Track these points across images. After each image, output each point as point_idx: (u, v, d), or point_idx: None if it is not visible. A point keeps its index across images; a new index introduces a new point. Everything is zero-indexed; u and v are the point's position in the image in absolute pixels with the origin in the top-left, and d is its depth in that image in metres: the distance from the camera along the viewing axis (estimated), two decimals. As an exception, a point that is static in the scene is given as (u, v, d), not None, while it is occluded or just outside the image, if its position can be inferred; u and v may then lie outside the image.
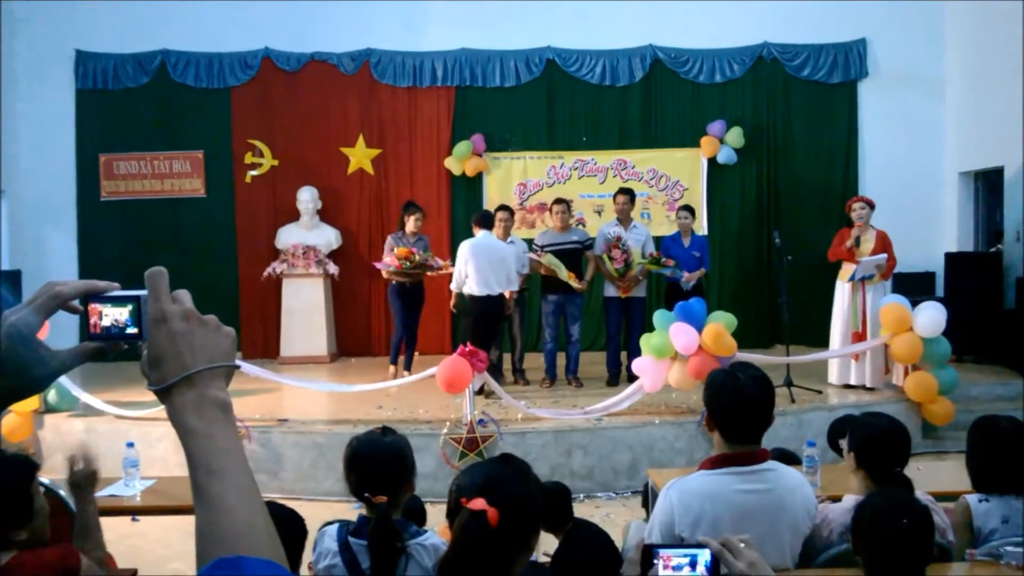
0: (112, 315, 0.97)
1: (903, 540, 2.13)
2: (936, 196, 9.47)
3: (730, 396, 2.40)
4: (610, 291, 7.53)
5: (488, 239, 7.03)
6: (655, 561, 1.39)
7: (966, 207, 9.39)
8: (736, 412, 2.40)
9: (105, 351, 0.99)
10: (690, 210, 7.81)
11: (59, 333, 1.11)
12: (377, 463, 2.41)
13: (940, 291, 8.60)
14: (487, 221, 7.21)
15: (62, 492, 2.86)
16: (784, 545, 2.41)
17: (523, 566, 1.76)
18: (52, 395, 6.47)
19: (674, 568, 1.39)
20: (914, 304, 6.60)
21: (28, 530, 2.32)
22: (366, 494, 2.33)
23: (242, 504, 0.90)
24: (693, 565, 1.39)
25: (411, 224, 7.82)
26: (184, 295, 0.97)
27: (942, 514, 2.68)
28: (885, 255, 6.91)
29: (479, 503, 1.69)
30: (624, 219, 7.56)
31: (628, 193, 7.68)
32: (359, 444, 2.48)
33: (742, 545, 1.39)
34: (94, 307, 0.98)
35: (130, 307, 0.97)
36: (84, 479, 2.67)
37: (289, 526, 2.50)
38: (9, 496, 2.30)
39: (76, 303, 0.98)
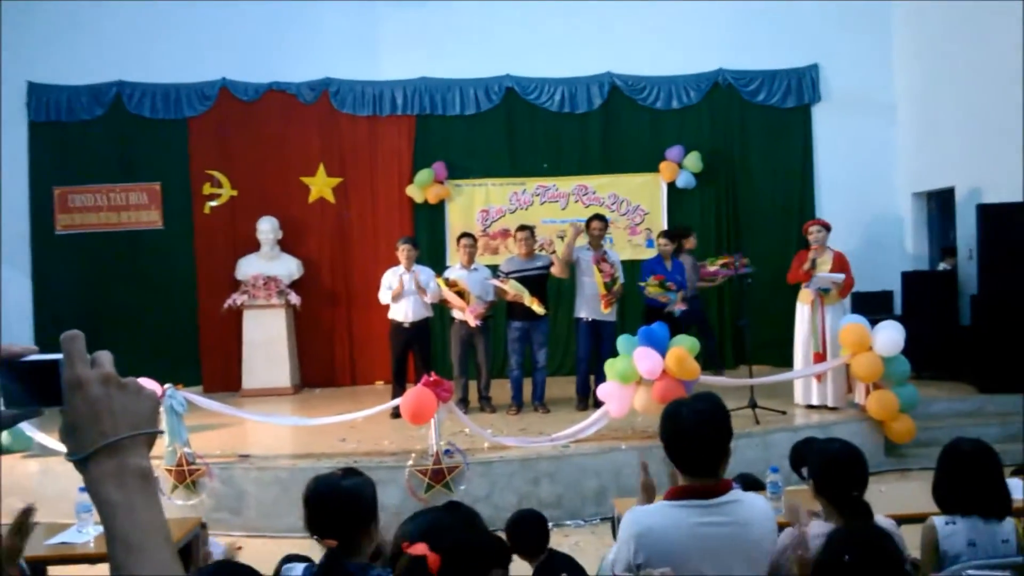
0: (29, 381, 0.92)
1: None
2: (891, 216, 9.67)
3: (678, 432, 2.39)
4: (581, 312, 7.46)
5: None
6: None
7: (920, 227, 9.60)
8: (687, 448, 2.39)
9: (22, 419, 0.94)
10: (670, 235, 7.89)
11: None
12: (328, 506, 2.35)
13: (898, 310, 8.75)
14: None
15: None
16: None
17: None
18: (6, 436, 6.30)
19: None
20: (873, 323, 6.68)
21: None
22: (315, 536, 2.30)
23: None
24: None
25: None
26: (104, 357, 0.93)
27: (901, 541, 2.68)
28: (842, 274, 7.02)
29: (420, 548, 1.67)
30: (596, 244, 7.50)
31: (602, 219, 7.64)
32: (316, 485, 2.43)
33: None
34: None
35: (48, 372, 0.91)
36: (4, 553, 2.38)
37: None
38: None
39: None
